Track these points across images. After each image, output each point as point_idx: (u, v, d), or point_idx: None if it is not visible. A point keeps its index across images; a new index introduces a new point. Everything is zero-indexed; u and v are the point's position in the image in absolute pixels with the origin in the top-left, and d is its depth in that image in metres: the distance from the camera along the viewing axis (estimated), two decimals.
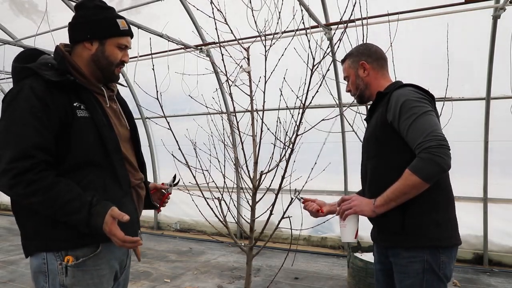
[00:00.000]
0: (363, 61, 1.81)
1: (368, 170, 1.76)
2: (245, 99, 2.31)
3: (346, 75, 1.91)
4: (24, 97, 1.32)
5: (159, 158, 6.79)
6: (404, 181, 1.48)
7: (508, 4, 3.69)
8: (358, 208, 1.62)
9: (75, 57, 1.48)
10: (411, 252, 1.58)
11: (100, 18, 1.47)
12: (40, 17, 4.41)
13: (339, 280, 4.18)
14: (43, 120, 1.31)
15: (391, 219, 1.61)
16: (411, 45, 4.39)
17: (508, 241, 4.59)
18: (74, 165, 1.37)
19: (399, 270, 1.63)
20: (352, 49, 1.90)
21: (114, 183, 1.44)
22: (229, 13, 2.32)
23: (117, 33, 1.49)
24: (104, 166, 1.43)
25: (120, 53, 1.51)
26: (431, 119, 1.50)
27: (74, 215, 1.31)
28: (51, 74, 1.37)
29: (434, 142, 1.42)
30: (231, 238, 2.13)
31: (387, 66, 1.86)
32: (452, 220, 1.62)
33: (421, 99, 1.56)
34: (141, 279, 4.24)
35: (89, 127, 1.40)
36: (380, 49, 1.87)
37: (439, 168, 1.42)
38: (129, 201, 1.51)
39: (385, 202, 1.54)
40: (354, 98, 1.92)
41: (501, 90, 4.27)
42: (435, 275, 1.56)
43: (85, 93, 1.43)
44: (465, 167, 4.28)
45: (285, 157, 2.08)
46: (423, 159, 1.44)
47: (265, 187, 2.05)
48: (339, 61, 2.01)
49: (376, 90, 1.78)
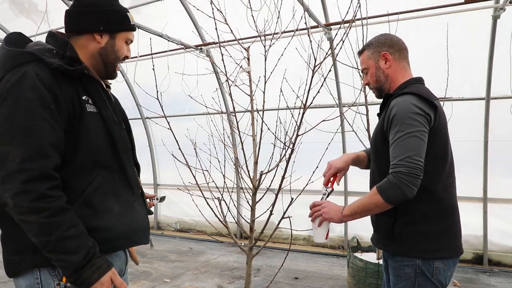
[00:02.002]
0: (385, 52, 1.69)
1: (371, 172, 1.79)
2: (245, 99, 2.31)
3: (365, 67, 1.77)
4: (30, 86, 1.12)
5: (159, 158, 6.79)
6: (369, 199, 1.53)
7: (507, 4, 3.70)
8: (327, 215, 1.64)
9: (76, 48, 1.33)
10: (403, 257, 1.58)
11: (114, 9, 1.35)
12: (40, 17, 4.41)
13: (339, 280, 4.18)
14: (55, 113, 1.14)
15: (383, 225, 1.64)
16: (411, 45, 4.34)
17: (508, 241, 4.59)
18: (81, 166, 1.22)
19: (393, 273, 1.65)
20: (371, 39, 1.78)
21: (125, 187, 1.34)
22: (229, 13, 2.32)
23: (129, 28, 1.39)
24: (114, 168, 1.30)
25: (126, 48, 1.43)
26: (414, 141, 1.46)
27: (68, 255, 1.11)
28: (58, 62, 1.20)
29: (404, 169, 1.43)
30: (231, 238, 2.13)
31: (408, 57, 1.75)
32: (448, 231, 1.57)
33: (415, 115, 1.48)
34: (141, 279, 4.24)
35: (98, 124, 1.26)
36: (401, 40, 1.75)
37: (402, 195, 1.45)
38: (140, 206, 1.41)
39: (351, 213, 1.58)
40: (372, 91, 1.81)
41: (501, 90, 4.27)
42: (428, 280, 1.54)
43: (93, 86, 1.29)
44: (465, 167, 4.28)
45: (285, 157, 2.08)
46: (390, 182, 1.47)
47: (265, 187, 2.05)
48: (339, 62, 2.01)
49: (395, 84, 1.70)
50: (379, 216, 1.64)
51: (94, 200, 1.23)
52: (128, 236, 1.33)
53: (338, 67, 4.69)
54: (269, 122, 2.19)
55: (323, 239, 1.72)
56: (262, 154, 2.16)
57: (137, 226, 1.37)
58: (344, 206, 1.63)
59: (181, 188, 2.27)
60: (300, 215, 2.39)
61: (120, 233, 1.30)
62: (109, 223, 1.26)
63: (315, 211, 1.70)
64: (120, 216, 1.29)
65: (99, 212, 1.24)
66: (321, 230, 1.71)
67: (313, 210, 1.71)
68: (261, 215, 2.12)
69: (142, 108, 6.17)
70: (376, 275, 3.38)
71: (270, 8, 2.47)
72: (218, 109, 2.59)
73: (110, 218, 1.26)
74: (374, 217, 1.71)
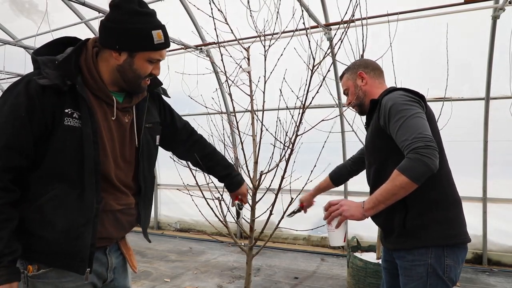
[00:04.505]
0: (361, 71, 1.88)
1: (370, 177, 1.79)
2: (245, 99, 2.32)
3: (345, 88, 1.96)
4: (16, 93, 1.21)
5: (159, 158, 6.77)
6: (393, 182, 1.46)
7: (507, 5, 3.70)
8: (348, 213, 1.55)
9: (102, 60, 1.34)
10: (415, 255, 1.58)
11: (132, 28, 1.27)
12: (40, 17, 4.41)
13: (339, 280, 4.18)
14: (24, 120, 1.19)
15: (395, 223, 1.63)
16: (410, 45, 4.40)
17: (507, 240, 4.60)
18: (45, 174, 1.24)
19: (403, 273, 1.64)
20: (349, 64, 1.98)
21: (80, 207, 1.27)
22: (229, 13, 2.32)
23: (150, 47, 1.30)
24: (76, 185, 1.26)
25: (150, 66, 1.36)
26: (418, 121, 1.50)
27: None
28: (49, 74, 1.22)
29: (421, 143, 1.42)
30: (231, 238, 2.13)
31: (383, 76, 1.93)
32: (456, 218, 1.62)
33: (409, 102, 1.57)
34: (141, 278, 4.25)
35: (72, 139, 1.25)
36: (375, 62, 1.95)
37: (427, 168, 1.41)
38: (88, 232, 1.29)
39: (374, 204, 1.50)
40: (354, 109, 1.97)
41: (501, 90, 4.28)
42: (439, 279, 1.55)
43: (82, 102, 1.27)
44: (464, 167, 4.28)
45: (284, 157, 2.09)
46: (411, 159, 1.43)
47: (265, 187, 2.05)
48: (339, 61, 2.05)
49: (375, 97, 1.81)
50: (388, 215, 1.62)
51: (44, 210, 1.25)
52: (61, 257, 1.28)
53: (338, 67, 4.70)
54: (269, 122, 2.20)
55: (341, 242, 1.60)
56: (262, 154, 2.17)
57: (74, 252, 1.28)
58: (363, 201, 1.55)
59: (181, 188, 2.27)
60: (300, 215, 2.41)
61: (54, 250, 1.27)
62: (49, 236, 1.25)
63: (332, 211, 1.60)
64: (60, 234, 1.26)
65: (45, 222, 1.25)
66: (339, 232, 1.59)
67: (330, 210, 1.61)
68: (261, 215, 2.13)
69: None
70: (376, 274, 3.38)
71: (270, 8, 2.48)
72: (218, 109, 2.59)
73: (50, 233, 1.25)
74: (384, 217, 1.67)
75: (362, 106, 1.90)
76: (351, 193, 5.23)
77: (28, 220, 1.25)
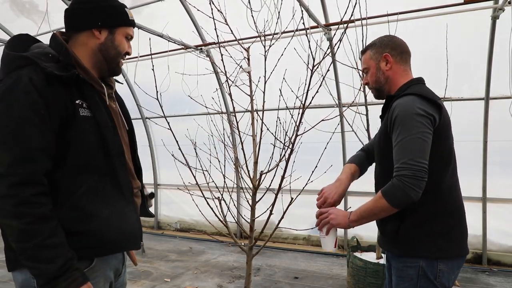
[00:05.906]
0: (387, 53, 1.68)
1: (376, 174, 1.76)
2: (245, 99, 2.32)
3: (365, 67, 1.76)
4: (23, 91, 1.14)
5: (159, 158, 6.80)
6: (375, 203, 1.52)
7: (507, 5, 3.71)
8: (335, 221, 1.63)
9: (76, 46, 1.34)
10: (407, 258, 1.58)
11: (110, 5, 1.37)
12: (40, 18, 4.41)
13: (339, 280, 4.19)
14: (45, 118, 1.16)
15: (388, 227, 1.63)
16: (410, 45, 4.35)
17: (507, 240, 4.60)
18: (72, 169, 1.22)
19: (395, 273, 1.64)
20: (375, 39, 1.77)
21: (116, 191, 1.32)
22: (229, 13, 2.33)
23: (127, 22, 1.40)
24: (105, 172, 1.29)
25: (126, 44, 1.42)
26: (417, 143, 1.44)
27: (43, 264, 1.11)
28: (52, 66, 1.21)
29: (409, 172, 1.42)
30: (231, 237, 2.13)
31: (409, 61, 1.74)
32: (453, 231, 1.57)
33: (417, 116, 1.46)
34: (141, 278, 4.25)
35: (91, 128, 1.26)
36: (405, 43, 1.74)
37: (408, 198, 1.43)
38: (132, 211, 1.37)
39: (358, 218, 1.58)
40: (371, 91, 1.80)
41: (500, 90, 4.28)
42: (430, 282, 1.54)
43: (88, 90, 1.29)
44: (464, 167, 4.24)
45: (284, 157, 2.09)
46: (394, 185, 1.45)
47: (265, 187, 2.06)
48: (339, 61, 2.02)
49: (395, 87, 1.69)
50: (384, 220, 1.62)
51: (82, 204, 1.23)
52: (117, 241, 1.31)
53: (338, 67, 4.70)
54: (269, 122, 2.20)
55: (331, 247, 1.70)
56: (262, 154, 2.17)
57: (127, 231, 1.34)
58: (350, 212, 1.61)
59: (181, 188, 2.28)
60: (300, 214, 2.40)
61: (108, 238, 1.28)
62: (96, 227, 1.25)
63: (322, 219, 1.68)
64: (109, 221, 1.27)
65: (87, 216, 1.24)
66: (329, 238, 1.69)
67: (320, 218, 1.69)
68: (261, 215, 2.13)
69: (142, 108, 6.18)
70: (375, 274, 3.38)
71: (270, 8, 2.48)
72: (218, 109, 2.60)
73: (98, 223, 1.25)
74: (380, 221, 1.68)
75: (380, 91, 1.74)
76: (351, 193, 5.23)
77: (64, 221, 1.20)
